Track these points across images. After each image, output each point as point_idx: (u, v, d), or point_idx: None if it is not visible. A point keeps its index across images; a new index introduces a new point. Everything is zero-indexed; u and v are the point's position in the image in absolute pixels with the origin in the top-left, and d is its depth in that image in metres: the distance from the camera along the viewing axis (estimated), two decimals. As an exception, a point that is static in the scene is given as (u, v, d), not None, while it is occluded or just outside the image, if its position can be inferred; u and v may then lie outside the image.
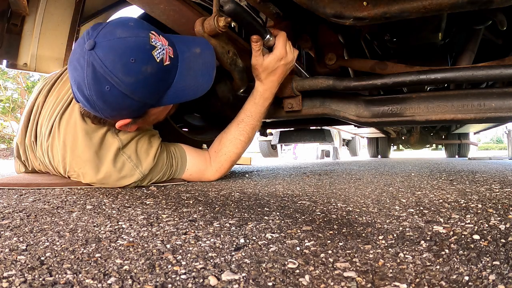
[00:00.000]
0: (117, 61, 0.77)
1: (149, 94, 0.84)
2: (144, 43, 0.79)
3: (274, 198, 0.85)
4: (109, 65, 0.77)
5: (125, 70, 0.77)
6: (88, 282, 0.34)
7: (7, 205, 0.74)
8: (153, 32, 0.82)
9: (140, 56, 0.78)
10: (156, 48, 0.81)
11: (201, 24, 0.87)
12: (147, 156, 1.02)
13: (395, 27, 1.27)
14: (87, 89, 0.79)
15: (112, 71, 0.77)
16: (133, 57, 0.77)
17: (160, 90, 0.86)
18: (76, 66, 0.80)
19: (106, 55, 0.76)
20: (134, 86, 0.80)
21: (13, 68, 1.51)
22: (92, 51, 0.77)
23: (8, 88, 8.64)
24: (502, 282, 0.34)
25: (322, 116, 1.26)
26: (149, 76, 0.80)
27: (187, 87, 0.89)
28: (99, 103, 0.82)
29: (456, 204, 0.74)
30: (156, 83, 0.83)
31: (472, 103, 1.05)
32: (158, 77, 0.83)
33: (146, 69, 0.79)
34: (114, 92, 0.79)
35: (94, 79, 0.78)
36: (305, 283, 0.34)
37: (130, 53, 0.77)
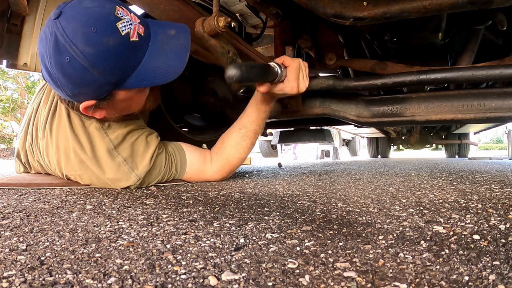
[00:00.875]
0: (78, 30, 0.73)
1: (111, 69, 0.78)
2: (109, 13, 0.76)
3: (274, 198, 0.85)
4: (70, 34, 0.73)
5: (85, 39, 0.74)
6: (88, 282, 0.34)
7: (7, 205, 0.74)
8: (123, 7, 0.79)
9: (103, 26, 0.75)
10: (122, 20, 0.77)
11: (201, 24, 0.86)
12: (143, 159, 1.00)
13: (395, 27, 1.27)
14: (49, 61, 0.76)
15: (72, 40, 0.73)
16: (94, 26, 0.74)
17: (124, 67, 0.80)
18: (42, 37, 0.77)
19: (68, 24, 0.73)
20: (94, 57, 0.75)
21: (13, 68, 1.51)
22: (56, 20, 0.74)
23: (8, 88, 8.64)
24: (502, 282, 0.34)
25: (322, 116, 1.26)
26: (111, 48, 0.76)
27: (156, 69, 0.83)
28: (59, 76, 0.77)
29: (456, 204, 0.74)
30: (119, 58, 0.78)
31: (472, 103, 1.05)
32: (122, 52, 0.78)
33: (108, 40, 0.75)
34: (74, 64, 0.75)
35: (55, 49, 0.74)
36: (305, 283, 0.34)
37: (92, 22, 0.74)
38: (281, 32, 1.36)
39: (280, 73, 0.96)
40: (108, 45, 0.75)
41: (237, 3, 1.56)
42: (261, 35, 1.65)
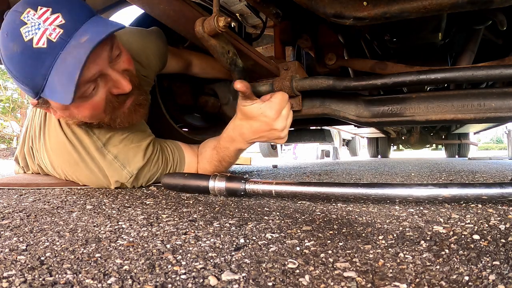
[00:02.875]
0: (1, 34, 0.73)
1: (21, 75, 0.75)
2: (15, 17, 0.71)
3: (274, 197, 0.85)
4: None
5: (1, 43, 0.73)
6: (88, 282, 0.34)
7: (7, 205, 0.74)
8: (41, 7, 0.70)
9: (10, 31, 0.71)
10: (26, 24, 0.70)
11: (201, 24, 0.86)
12: (135, 155, 0.98)
13: (395, 27, 1.27)
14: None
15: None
16: (6, 31, 0.72)
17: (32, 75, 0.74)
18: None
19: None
20: (6, 61, 0.75)
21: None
22: None
23: (8, 88, 8.65)
24: (502, 282, 0.34)
25: (322, 116, 1.26)
26: (16, 54, 0.72)
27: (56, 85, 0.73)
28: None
29: (456, 204, 0.74)
30: (24, 65, 0.73)
31: (472, 103, 1.05)
32: (26, 60, 0.72)
33: (13, 46, 0.71)
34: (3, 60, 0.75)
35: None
36: (305, 283, 0.34)
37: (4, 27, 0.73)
38: (281, 32, 1.36)
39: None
40: (13, 51, 0.72)
41: (237, 3, 1.56)
42: (261, 35, 1.65)
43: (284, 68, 1.19)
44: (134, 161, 0.98)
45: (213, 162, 1.09)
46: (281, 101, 0.95)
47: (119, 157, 0.96)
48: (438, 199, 0.70)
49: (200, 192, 0.90)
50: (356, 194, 0.74)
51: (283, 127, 0.96)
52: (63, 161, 0.98)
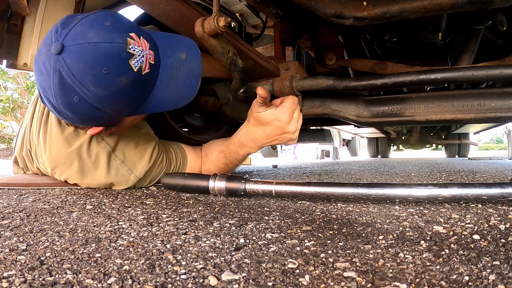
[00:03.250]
0: (87, 71, 0.67)
1: (124, 105, 0.76)
2: (120, 50, 0.68)
3: (274, 198, 0.85)
4: (78, 75, 0.67)
5: (96, 81, 0.68)
6: (88, 282, 0.34)
7: (7, 205, 0.74)
8: (133, 35, 0.72)
9: (114, 65, 0.68)
10: (134, 56, 0.70)
11: (201, 24, 0.86)
12: (141, 158, 0.98)
13: (395, 27, 1.27)
14: (54, 97, 0.70)
15: (81, 82, 0.67)
16: (105, 67, 0.67)
17: (136, 101, 0.78)
18: (42, 69, 0.70)
19: (74, 62, 0.66)
20: (106, 99, 0.71)
21: (13, 68, 1.51)
22: (59, 56, 0.66)
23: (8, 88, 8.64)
24: (502, 282, 0.34)
25: (322, 116, 1.26)
26: (124, 87, 0.71)
27: (168, 97, 0.80)
28: (67, 112, 0.73)
29: (456, 204, 0.74)
30: (131, 95, 0.75)
31: (472, 103, 1.05)
32: (135, 88, 0.74)
33: (120, 80, 0.69)
34: (84, 103, 0.70)
35: (62, 88, 0.68)
36: (305, 283, 0.34)
37: (102, 62, 0.67)
38: (281, 32, 1.36)
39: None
40: (120, 85, 0.70)
41: (237, 3, 1.56)
42: (261, 35, 1.65)
43: (284, 68, 1.19)
44: (141, 165, 0.98)
45: (219, 165, 1.10)
46: (292, 104, 0.99)
47: (126, 161, 0.97)
48: (438, 199, 0.70)
49: (200, 192, 0.90)
50: (356, 194, 0.74)
51: (295, 130, 1.01)
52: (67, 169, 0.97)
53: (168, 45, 0.80)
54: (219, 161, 1.10)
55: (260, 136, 1.01)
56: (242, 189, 0.82)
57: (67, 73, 0.67)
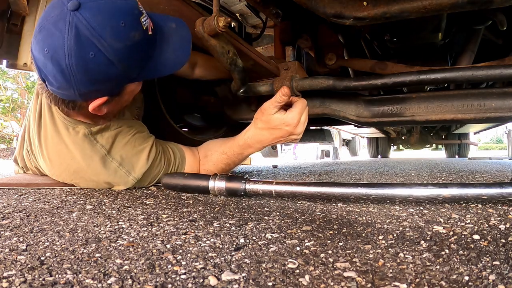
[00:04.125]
0: (107, 24, 0.70)
1: (134, 63, 0.79)
2: (134, 7, 0.74)
3: (274, 198, 0.85)
4: (97, 28, 0.69)
5: (115, 33, 0.71)
6: (88, 282, 0.34)
7: (7, 205, 0.74)
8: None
9: (130, 20, 0.73)
10: (143, 14, 0.76)
11: (201, 24, 0.86)
12: (139, 159, 0.98)
13: (395, 27, 1.27)
14: (68, 56, 0.70)
15: (101, 34, 0.69)
16: (123, 20, 0.71)
17: (142, 61, 0.81)
18: (52, 31, 0.70)
19: (93, 16, 0.69)
20: (122, 52, 0.73)
21: (13, 68, 1.51)
22: (76, 12, 0.68)
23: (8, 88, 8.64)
24: (502, 282, 0.34)
25: (322, 116, 1.26)
26: (136, 43, 0.75)
27: (166, 61, 0.85)
28: (78, 73, 0.72)
29: (456, 204, 0.74)
30: (141, 53, 0.79)
31: (472, 103, 1.05)
32: (143, 47, 0.78)
33: (134, 35, 0.74)
34: (100, 59, 0.71)
35: (78, 43, 0.69)
36: (305, 283, 0.34)
37: (120, 15, 0.71)
38: (281, 32, 1.36)
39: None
40: (134, 40, 0.74)
41: (237, 3, 1.56)
42: (261, 35, 1.65)
43: (284, 68, 1.19)
44: (139, 166, 0.98)
45: (220, 165, 1.11)
46: (301, 109, 1.01)
47: (124, 163, 0.96)
48: (438, 199, 0.70)
49: (200, 192, 0.90)
50: (356, 194, 0.74)
51: (301, 132, 1.05)
52: (63, 171, 0.97)
53: (158, 18, 0.85)
54: (220, 161, 1.10)
55: (267, 138, 1.03)
56: (242, 189, 0.82)
57: (86, 27, 0.69)
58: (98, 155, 0.94)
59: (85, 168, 0.94)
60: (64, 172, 0.97)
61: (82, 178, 0.97)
